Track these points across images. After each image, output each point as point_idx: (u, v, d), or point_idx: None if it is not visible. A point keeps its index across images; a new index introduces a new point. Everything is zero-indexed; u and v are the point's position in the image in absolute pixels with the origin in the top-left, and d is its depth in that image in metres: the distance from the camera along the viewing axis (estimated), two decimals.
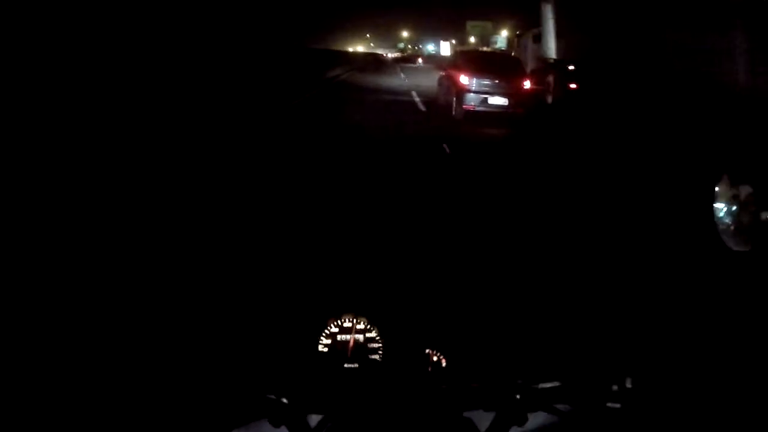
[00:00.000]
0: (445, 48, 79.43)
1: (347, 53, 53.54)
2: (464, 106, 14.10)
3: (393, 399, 1.25)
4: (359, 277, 3.34)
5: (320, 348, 1.62)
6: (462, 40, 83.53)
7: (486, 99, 14.00)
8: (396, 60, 74.84)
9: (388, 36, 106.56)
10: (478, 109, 14.06)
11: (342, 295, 1.88)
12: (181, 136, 9.41)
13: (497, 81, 14.14)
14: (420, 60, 75.50)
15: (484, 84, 14.10)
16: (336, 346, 1.62)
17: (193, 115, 10.82)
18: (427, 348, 1.60)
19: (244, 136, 10.56)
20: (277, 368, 1.56)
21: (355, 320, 1.64)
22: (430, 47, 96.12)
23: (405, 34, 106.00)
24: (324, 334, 1.63)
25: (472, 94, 14.07)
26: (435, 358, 1.60)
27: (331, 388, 1.29)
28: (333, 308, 1.66)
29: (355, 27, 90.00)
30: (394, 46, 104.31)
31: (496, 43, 62.47)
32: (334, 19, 67.58)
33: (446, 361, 1.60)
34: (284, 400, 1.15)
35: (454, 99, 14.54)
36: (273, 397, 1.15)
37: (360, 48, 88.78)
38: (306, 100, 17.98)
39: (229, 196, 6.25)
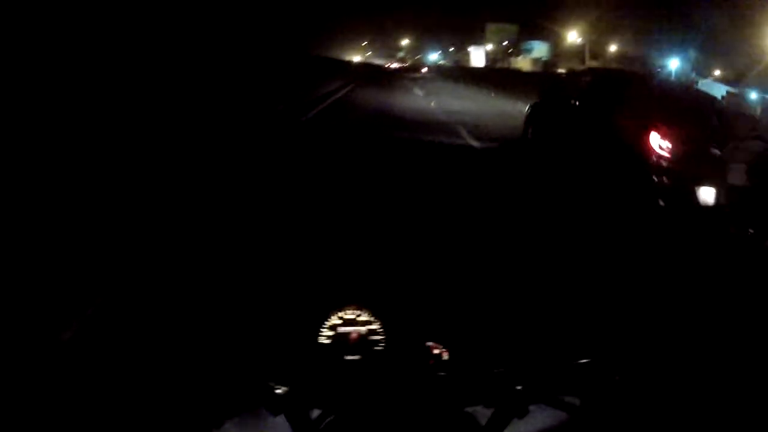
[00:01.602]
0: (478, 56, 69.08)
1: (344, 62, 46.71)
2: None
3: (394, 391, 1.28)
4: (363, 270, 3.12)
5: (322, 339, 1.60)
6: (467, 46, 76.67)
7: (694, 191, 6.15)
8: (399, 70, 66.60)
9: (386, 44, 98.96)
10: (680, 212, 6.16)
11: (345, 287, 1.91)
12: None
13: (707, 148, 6.33)
14: (424, 70, 67.82)
15: (691, 155, 6.30)
16: (338, 337, 1.60)
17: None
18: (428, 341, 1.59)
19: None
20: (278, 358, 1.53)
21: (358, 312, 1.63)
22: (433, 56, 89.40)
23: (404, 42, 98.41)
24: (326, 326, 1.61)
25: (674, 178, 6.24)
26: (436, 351, 1.58)
27: (332, 379, 1.35)
28: (336, 300, 1.64)
29: (351, 34, 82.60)
30: (392, 55, 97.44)
31: (530, 51, 53.20)
32: (329, 27, 61.12)
33: (448, 354, 1.57)
34: (284, 389, 1.16)
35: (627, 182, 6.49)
36: (273, 385, 1.16)
37: (357, 57, 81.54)
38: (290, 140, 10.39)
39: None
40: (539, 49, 53.05)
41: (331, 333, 1.60)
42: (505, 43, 62.42)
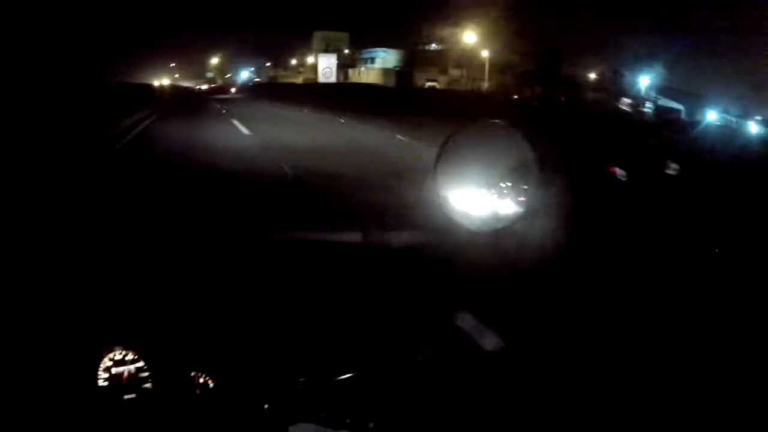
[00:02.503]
0: (328, 67, 52.98)
1: (149, 87, 41.88)
2: None
3: (167, 425, 1.44)
4: (126, 309, 2.97)
5: (100, 381, 1.66)
6: (287, 60, 72.55)
7: None
8: (209, 92, 61.91)
9: (196, 64, 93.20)
10: None
11: (110, 329, 1.97)
12: None
13: None
14: (232, 90, 64.41)
15: None
16: (113, 379, 1.67)
17: None
18: (192, 371, 1.65)
19: None
20: (58, 404, 1.55)
21: (124, 352, 1.69)
22: (245, 73, 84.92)
23: (215, 60, 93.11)
24: (100, 368, 1.66)
25: None
26: (201, 380, 1.65)
27: (114, 419, 1.49)
28: (103, 342, 1.69)
29: (158, 56, 76.40)
30: (201, 76, 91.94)
31: (373, 61, 47.20)
32: (134, 48, 55.83)
33: (213, 381, 1.64)
34: None
35: None
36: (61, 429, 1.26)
37: (165, 80, 75.73)
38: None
39: None
40: (384, 58, 46.85)
41: (106, 375, 1.64)
42: (346, 52, 54.13)
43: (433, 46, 43.64)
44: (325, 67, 54.40)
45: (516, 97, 29.82)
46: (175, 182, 9.61)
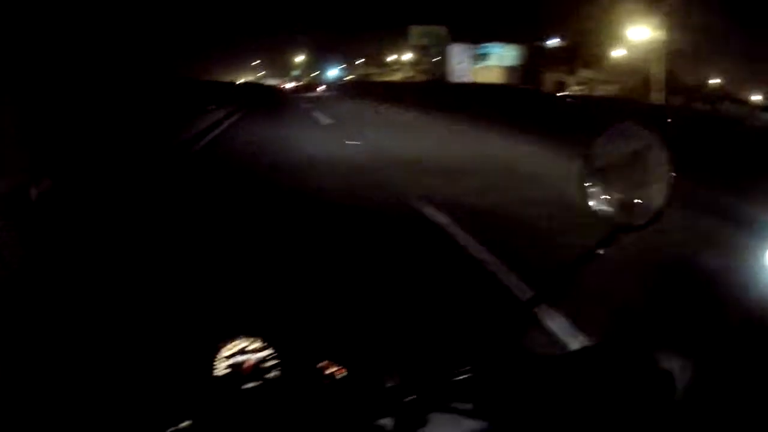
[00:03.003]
0: (460, 56, 42.59)
1: (230, 85, 39.21)
2: None
3: (294, 416, 1.33)
4: (250, 298, 2.99)
5: (217, 371, 1.50)
6: (381, 57, 69.24)
7: None
8: (295, 91, 60.34)
9: (280, 62, 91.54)
10: None
11: (234, 317, 2.06)
12: None
13: None
14: (320, 89, 62.28)
15: None
16: (233, 367, 1.50)
17: None
18: (321, 361, 1.51)
19: None
20: (177, 393, 1.46)
21: (249, 340, 1.54)
22: (332, 72, 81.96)
23: (300, 58, 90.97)
24: (220, 357, 1.51)
25: None
26: (331, 370, 1.51)
27: (232, 410, 1.37)
28: (225, 331, 1.51)
29: (241, 54, 74.92)
30: (287, 74, 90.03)
31: (486, 57, 41.42)
32: (216, 45, 54.20)
33: (345, 371, 1.50)
34: (187, 423, 1.19)
35: None
36: (175, 420, 1.19)
37: (250, 78, 73.77)
38: None
39: None
40: (500, 54, 39.64)
41: (225, 364, 1.51)
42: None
43: (553, 41, 37.55)
44: (459, 61, 44.57)
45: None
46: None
